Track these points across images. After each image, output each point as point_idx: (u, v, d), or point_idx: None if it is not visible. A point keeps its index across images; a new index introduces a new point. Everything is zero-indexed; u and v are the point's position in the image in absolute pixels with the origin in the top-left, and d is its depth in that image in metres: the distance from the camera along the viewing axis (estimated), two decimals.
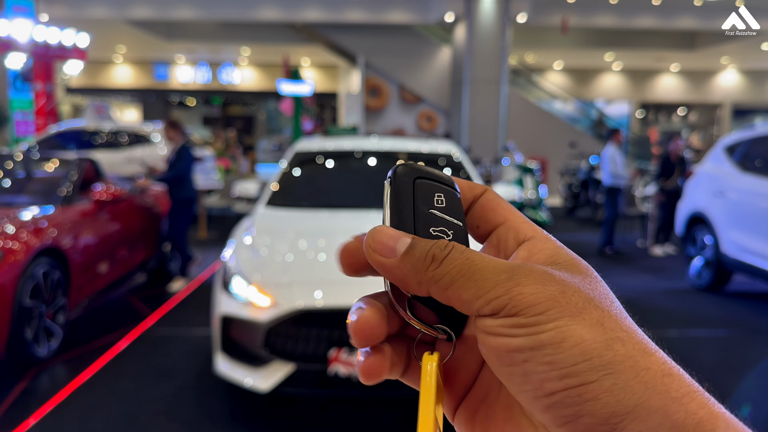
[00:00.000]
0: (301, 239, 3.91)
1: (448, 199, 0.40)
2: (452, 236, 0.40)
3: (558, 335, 0.35)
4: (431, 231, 0.39)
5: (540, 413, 0.36)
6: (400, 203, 0.39)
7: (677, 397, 0.34)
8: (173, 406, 3.66)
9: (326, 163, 5.22)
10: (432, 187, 0.40)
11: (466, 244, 0.40)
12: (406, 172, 0.40)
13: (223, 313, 3.42)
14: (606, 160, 8.63)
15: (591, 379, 0.34)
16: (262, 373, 3.31)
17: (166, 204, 6.67)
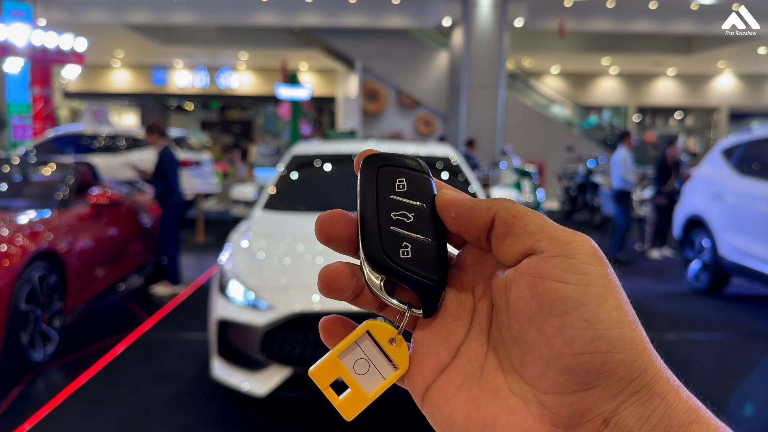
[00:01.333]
0: (299, 243, 3.90)
1: (411, 182, 0.42)
2: (413, 219, 0.41)
3: (603, 294, 0.36)
4: (392, 216, 0.41)
5: (557, 373, 0.36)
6: (364, 191, 0.41)
7: (676, 386, 0.38)
8: (170, 410, 3.64)
9: (323, 166, 5.21)
10: (394, 173, 0.42)
11: (427, 227, 0.41)
12: (370, 162, 0.42)
13: (220, 317, 3.40)
14: (616, 163, 8.58)
15: (618, 349, 0.35)
16: (259, 378, 3.29)
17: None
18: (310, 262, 3.63)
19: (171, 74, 25.23)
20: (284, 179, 4.90)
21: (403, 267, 0.41)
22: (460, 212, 0.41)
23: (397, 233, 0.41)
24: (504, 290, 0.40)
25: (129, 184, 6.95)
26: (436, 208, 0.42)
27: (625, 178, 8.46)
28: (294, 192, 4.83)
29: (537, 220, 0.39)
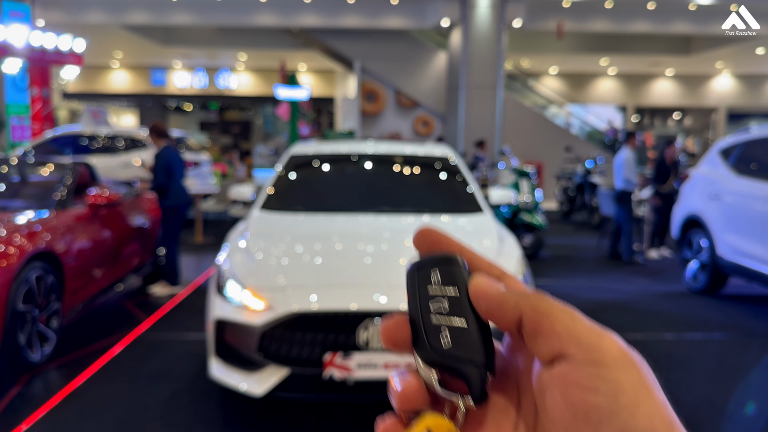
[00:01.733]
0: (297, 243, 3.89)
1: (443, 270, 0.44)
2: (449, 306, 0.42)
3: (636, 401, 0.35)
4: (430, 306, 0.42)
5: None
6: (409, 291, 0.44)
7: None
8: (168, 411, 3.64)
9: (322, 167, 5.21)
10: (430, 266, 0.44)
11: (464, 311, 0.42)
12: (411, 267, 0.45)
13: (218, 317, 3.40)
14: (620, 164, 8.58)
15: None
16: (257, 378, 3.28)
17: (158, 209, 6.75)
18: (308, 262, 3.63)
19: (170, 75, 25.23)
20: (282, 179, 4.90)
21: (447, 355, 0.41)
22: (489, 305, 0.41)
23: (437, 323, 0.42)
24: (540, 392, 0.39)
25: (127, 185, 6.94)
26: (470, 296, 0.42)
27: (628, 178, 8.46)
28: (292, 192, 4.83)
29: (565, 320, 0.38)
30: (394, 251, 3.77)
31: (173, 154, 6.50)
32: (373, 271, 3.49)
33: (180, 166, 6.53)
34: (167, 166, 6.38)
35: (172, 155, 6.47)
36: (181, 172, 6.52)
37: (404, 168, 5.14)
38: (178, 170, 6.47)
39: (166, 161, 6.37)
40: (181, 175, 6.52)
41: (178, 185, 6.47)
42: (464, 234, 4.03)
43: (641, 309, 6.13)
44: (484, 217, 4.44)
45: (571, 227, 12.50)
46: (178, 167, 6.49)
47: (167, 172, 6.36)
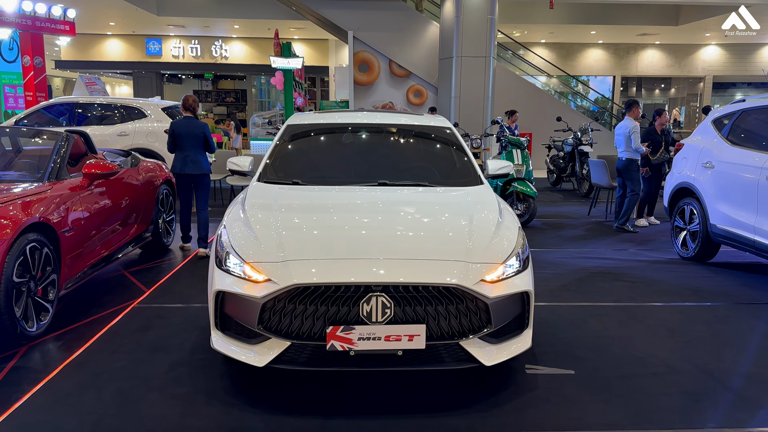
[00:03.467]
0: (296, 216, 3.88)
1: None
2: None
3: None
4: None
5: None
6: None
7: None
8: (168, 382, 3.65)
9: (320, 138, 5.17)
10: None
11: None
12: None
13: (218, 290, 3.40)
14: (622, 134, 8.57)
15: None
16: (258, 349, 3.30)
17: (160, 177, 6.73)
18: (308, 235, 3.62)
19: (164, 44, 24.87)
20: (280, 151, 4.87)
21: None
22: None
23: None
24: None
25: (124, 154, 6.88)
26: None
27: (637, 148, 8.47)
28: (290, 164, 4.80)
29: None
30: (393, 224, 3.76)
31: (180, 125, 6.78)
32: (373, 243, 3.48)
33: (188, 138, 6.76)
34: (171, 136, 6.80)
35: (178, 126, 6.77)
36: (190, 144, 6.76)
37: (403, 139, 5.12)
38: (186, 141, 6.75)
39: (170, 131, 6.80)
40: (190, 147, 6.77)
41: (183, 155, 6.77)
42: (464, 207, 4.03)
43: (633, 276, 6.19)
44: (484, 189, 4.44)
45: (559, 196, 12.55)
46: (186, 138, 6.75)
47: (172, 142, 6.80)
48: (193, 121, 6.80)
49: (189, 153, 6.74)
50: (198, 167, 6.78)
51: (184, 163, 6.72)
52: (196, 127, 6.78)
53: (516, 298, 3.46)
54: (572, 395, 3.55)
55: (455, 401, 3.44)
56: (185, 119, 6.84)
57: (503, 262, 3.43)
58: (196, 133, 6.76)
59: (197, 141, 6.77)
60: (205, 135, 6.83)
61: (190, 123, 6.79)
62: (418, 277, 3.20)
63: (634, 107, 8.77)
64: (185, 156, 6.72)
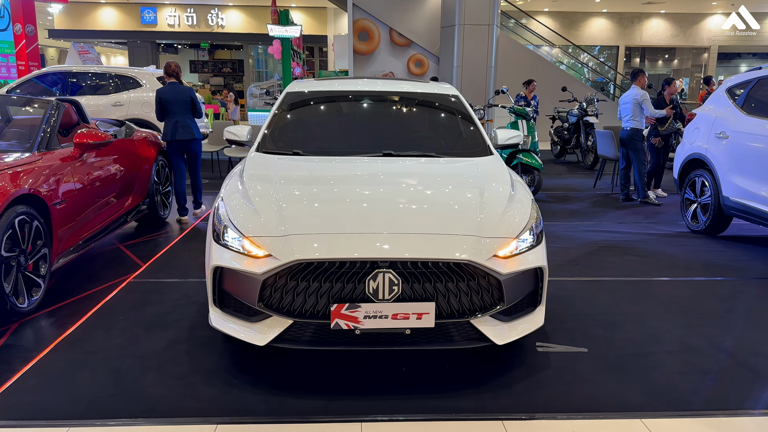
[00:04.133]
0: (296, 188, 3.69)
1: None
2: None
3: None
4: None
5: None
6: None
7: None
8: (166, 360, 3.51)
9: (321, 106, 4.96)
10: None
11: None
12: None
13: (216, 265, 3.23)
14: (628, 103, 8.34)
15: None
16: (259, 328, 3.14)
17: (155, 148, 6.55)
18: (310, 208, 3.44)
19: (160, 12, 24.41)
20: (279, 120, 4.67)
21: None
22: None
23: None
24: None
25: (118, 123, 6.67)
26: None
27: (653, 113, 8.25)
28: (290, 134, 4.60)
29: None
30: (399, 196, 3.58)
31: (166, 92, 6.77)
32: (379, 217, 3.30)
33: (175, 103, 6.74)
34: (158, 104, 6.79)
35: (164, 93, 6.76)
36: (178, 110, 6.76)
37: (408, 107, 4.91)
38: (174, 107, 6.73)
39: (157, 99, 6.77)
40: (178, 113, 6.77)
41: (173, 121, 6.75)
42: (474, 178, 3.84)
43: (642, 250, 6.04)
44: (494, 160, 4.25)
45: (564, 168, 12.35)
46: (173, 104, 6.73)
47: (159, 109, 6.80)
48: (178, 87, 6.82)
49: (178, 119, 6.73)
50: (188, 132, 6.79)
51: (174, 130, 6.72)
52: (183, 92, 6.79)
53: (529, 275, 3.30)
54: (585, 374, 3.41)
55: (464, 380, 3.30)
56: (170, 85, 6.82)
57: (516, 237, 3.26)
58: (183, 98, 6.76)
59: (185, 106, 6.76)
60: (192, 99, 6.83)
61: (175, 89, 6.79)
62: (428, 253, 3.04)
63: (640, 76, 8.53)
64: (175, 122, 6.73)
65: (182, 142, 6.76)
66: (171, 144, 6.79)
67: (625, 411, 3.05)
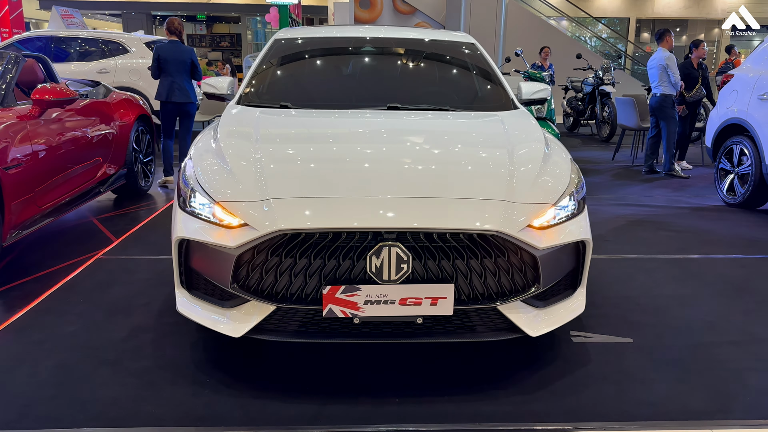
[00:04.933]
0: (283, 145, 3.06)
1: None
2: None
3: None
4: None
5: None
6: None
7: None
8: (124, 353, 2.90)
9: (316, 54, 4.29)
10: None
11: None
12: None
13: (181, 237, 2.61)
14: (655, 67, 7.63)
15: None
16: (234, 315, 2.53)
17: (135, 112, 5.90)
18: (297, 167, 2.80)
19: None
20: (266, 69, 4.00)
21: None
22: None
23: None
24: None
25: (92, 84, 6.01)
26: None
27: (676, 81, 7.54)
28: (278, 85, 3.93)
29: None
30: (410, 156, 2.94)
31: (166, 50, 6.48)
32: (385, 178, 2.66)
33: (174, 63, 6.44)
34: (155, 61, 6.47)
35: (164, 51, 6.46)
36: (176, 70, 6.45)
37: (417, 56, 4.23)
38: (172, 67, 6.43)
39: (155, 56, 6.47)
40: (176, 73, 6.46)
41: (170, 81, 6.46)
42: (500, 135, 3.17)
43: (676, 225, 5.40)
44: (521, 114, 3.59)
45: (577, 141, 11.66)
46: (172, 64, 6.43)
47: (156, 67, 6.48)
48: (179, 46, 6.51)
49: (175, 80, 6.43)
50: (185, 95, 6.49)
51: (170, 90, 6.41)
52: (183, 52, 6.48)
53: (570, 250, 2.67)
54: (635, 371, 2.80)
55: (487, 378, 2.69)
56: (171, 43, 6.50)
57: (554, 204, 2.62)
58: (183, 58, 6.46)
59: (184, 67, 6.46)
60: (193, 61, 6.54)
61: (176, 48, 6.48)
62: (445, 222, 2.40)
63: (667, 36, 7.83)
64: (171, 82, 6.44)
65: (177, 104, 6.46)
66: (165, 105, 6.45)
67: (692, 419, 2.44)
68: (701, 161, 8.85)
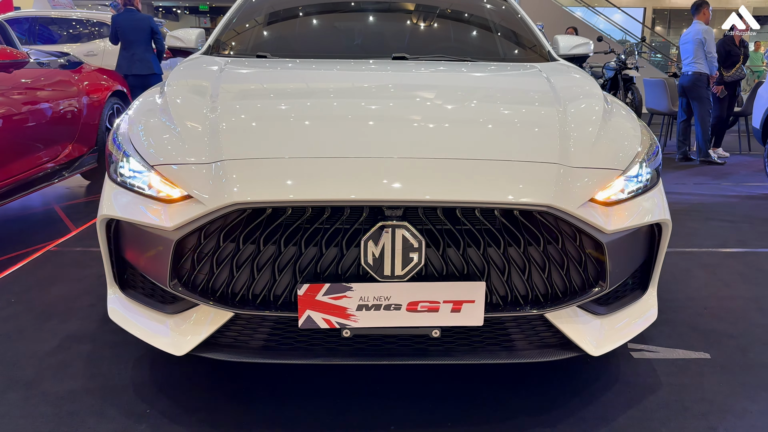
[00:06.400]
0: (249, 101, 2.32)
1: None
2: None
3: None
4: None
5: None
6: None
7: None
8: (48, 370, 2.21)
9: (306, 2, 3.55)
10: None
11: None
12: None
13: (107, 218, 1.90)
14: (690, 42, 6.86)
15: None
16: (177, 324, 1.82)
17: (108, 88, 5.25)
18: (266, 124, 2.06)
19: None
20: (240, 18, 3.28)
21: None
22: None
23: None
24: None
25: (59, 55, 5.32)
26: None
27: (712, 58, 6.77)
28: (253, 32, 3.20)
29: None
30: (422, 112, 2.20)
31: (122, 19, 6.24)
32: (388, 135, 1.93)
33: (132, 32, 6.21)
34: (114, 33, 6.34)
35: (120, 21, 6.28)
36: (136, 39, 6.24)
37: (431, 4, 3.47)
38: (131, 36, 6.25)
39: (113, 26, 6.33)
40: (136, 43, 6.24)
41: (130, 53, 6.27)
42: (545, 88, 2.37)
43: (729, 215, 4.67)
44: (567, 66, 2.84)
45: None
46: (130, 33, 6.23)
47: (114, 37, 6.37)
48: (136, 14, 6.29)
49: (135, 51, 6.21)
50: (146, 66, 6.16)
51: (130, 63, 6.09)
52: (141, 20, 6.25)
53: (642, 235, 1.94)
54: (722, 399, 2.08)
55: (527, 399, 1.98)
56: (126, 12, 6.31)
57: (624, 172, 1.89)
58: (141, 26, 6.22)
59: (143, 36, 6.22)
60: (152, 28, 6.25)
61: (132, 16, 6.27)
62: (473, 193, 1.67)
63: (704, 8, 7.06)
64: (132, 54, 6.17)
65: (139, 77, 6.06)
66: (127, 78, 5.90)
67: None
68: (738, 149, 8.08)
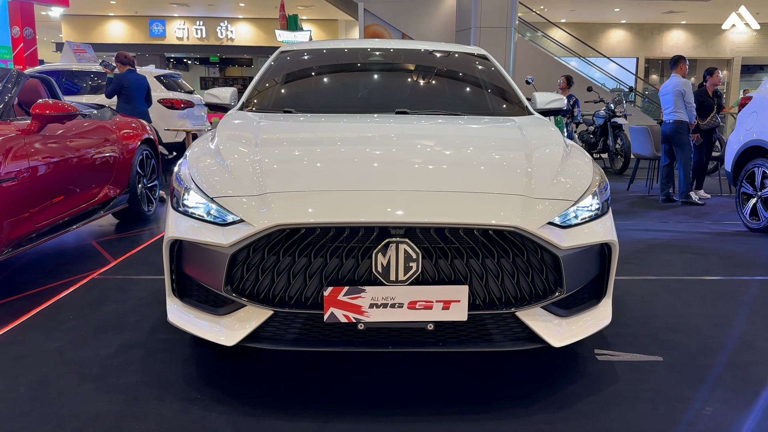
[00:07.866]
0: (285, 147, 2.87)
1: None
2: None
3: None
4: None
5: None
6: None
7: None
8: (111, 369, 2.68)
9: (322, 65, 4.14)
10: None
11: None
12: None
13: (173, 239, 2.41)
14: (669, 93, 7.47)
15: None
16: (227, 322, 2.31)
17: (139, 136, 5.81)
18: (299, 166, 2.60)
19: (168, 25, 24.00)
20: (270, 79, 3.86)
21: None
22: None
23: None
24: None
25: (97, 107, 5.91)
26: None
27: (691, 108, 7.38)
28: (282, 93, 3.79)
29: None
30: (421, 155, 2.75)
31: (129, 78, 6.99)
32: (393, 173, 2.47)
33: (137, 89, 7.03)
34: (119, 89, 7.00)
35: (128, 79, 6.97)
36: (138, 96, 7.05)
37: (428, 67, 4.07)
38: (135, 93, 7.01)
39: (118, 84, 6.98)
40: (138, 99, 7.05)
41: (131, 108, 6.91)
42: (517, 138, 2.94)
43: (700, 248, 5.15)
44: (537, 119, 3.40)
45: None
46: (135, 89, 7.00)
47: (116, 92, 7.03)
48: (137, 74, 7.11)
49: (137, 105, 6.93)
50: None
51: (132, 115, 6.66)
52: (142, 79, 7.11)
53: (594, 253, 2.45)
54: (668, 390, 2.54)
55: (505, 394, 2.44)
56: (130, 72, 7.04)
57: (577, 201, 2.41)
58: (143, 83, 7.09)
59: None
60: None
61: (136, 76, 7.06)
62: (459, 217, 2.19)
63: (681, 63, 7.69)
64: (133, 108, 6.89)
65: None
66: None
67: None
68: (719, 191, 8.62)
